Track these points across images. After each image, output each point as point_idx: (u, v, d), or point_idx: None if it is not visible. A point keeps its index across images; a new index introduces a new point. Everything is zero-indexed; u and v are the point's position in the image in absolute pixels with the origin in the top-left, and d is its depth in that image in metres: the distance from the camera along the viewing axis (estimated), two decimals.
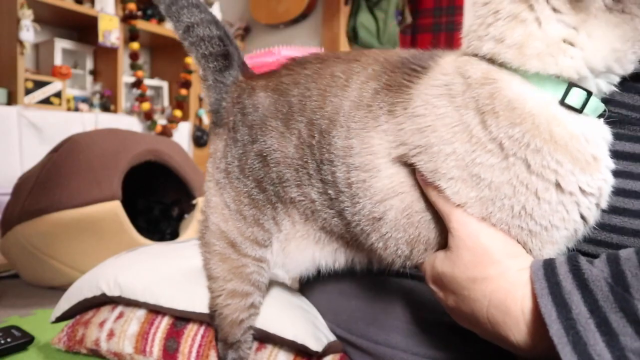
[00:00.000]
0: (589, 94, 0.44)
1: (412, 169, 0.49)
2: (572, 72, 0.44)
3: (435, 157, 0.46)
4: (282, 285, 0.80)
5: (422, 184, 0.49)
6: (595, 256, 0.43)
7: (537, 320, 0.40)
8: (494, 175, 0.44)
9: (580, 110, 0.44)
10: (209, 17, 0.68)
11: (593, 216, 0.47)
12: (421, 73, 0.51)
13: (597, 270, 0.39)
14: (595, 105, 0.45)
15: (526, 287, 0.42)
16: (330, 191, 0.56)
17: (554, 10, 0.43)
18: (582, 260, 0.40)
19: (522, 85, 0.45)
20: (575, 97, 0.44)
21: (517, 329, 0.42)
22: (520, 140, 0.43)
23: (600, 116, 0.47)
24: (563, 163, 0.43)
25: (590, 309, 0.37)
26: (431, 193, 0.48)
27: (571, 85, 0.44)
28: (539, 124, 0.44)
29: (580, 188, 0.44)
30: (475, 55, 0.47)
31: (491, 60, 0.46)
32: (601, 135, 0.46)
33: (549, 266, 0.41)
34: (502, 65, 0.45)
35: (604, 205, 0.47)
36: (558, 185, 0.44)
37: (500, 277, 0.44)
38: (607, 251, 0.43)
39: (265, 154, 0.60)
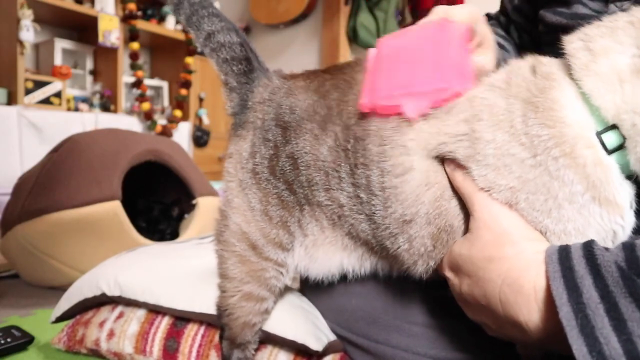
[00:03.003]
0: (622, 146, 0.44)
1: (442, 160, 0.51)
2: (609, 112, 0.44)
3: (476, 144, 0.48)
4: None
5: (450, 170, 0.50)
6: None
7: (548, 300, 0.40)
8: (523, 170, 0.46)
9: (608, 152, 0.45)
10: (229, 25, 0.69)
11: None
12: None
13: (610, 255, 0.39)
14: (625, 162, 0.45)
15: (540, 266, 0.42)
16: (362, 195, 0.56)
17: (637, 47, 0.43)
18: (597, 245, 0.41)
19: (573, 95, 0.46)
20: (610, 138, 0.45)
21: (528, 308, 0.42)
22: (546, 144, 0.45)
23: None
24: (574, 182, 0.44)
25: (600, 294, 0.37)
26: (457, 177, 0.49)
27: (614, 126, 0.44)
28: (566, 133, 0.45)
29: (590, 213, 0.45)
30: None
31: (567, 65, 0.47)
32: (627, 190, 0.46)
33: (563, 250, 0.42)
34: (569, 69, 0.47)
35: None
36: (569, 201, 0.45)
37: (516, 257, 0.44)
38: None
39: (296, 157, 0.60)
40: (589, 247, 0.41)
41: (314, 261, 0.64)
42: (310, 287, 0.78)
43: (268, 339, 0.72)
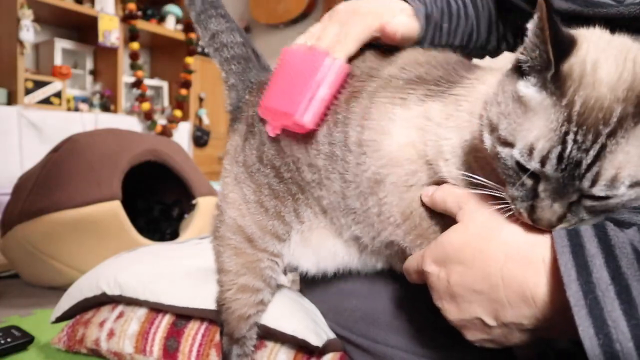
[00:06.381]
0: None
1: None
2: None
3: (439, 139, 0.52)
4: (282, 284, 0.80)
5: (428, 199, 0.52)
6: None
7: (556, 274, 0.39)
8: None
9: None
10: (233, 25, 0.74)
11: None
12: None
13: (625, 236, 0.38)
14: None
15: (548, 240, 0.41)
16: (337, 152, 0.58)
17: None
18: (611, 226, 0.39)
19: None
20: None
21: (536, 280, 0.40)
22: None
23: None
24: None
25: (612, 275, 0.36)
26: (437, 196, 0.50)
27: None
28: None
29: None
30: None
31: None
32: None
33: (572, 230, 0.40)
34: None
35: None
36: None
37: (519, 233, 0.43)
38: None
39: (279, 139, 0.63)
40: (601, 228, 0.39)
41: (308, 246, 0.66)
42: (310, 288, 0.78)
43: (268, 335, 0.72)
